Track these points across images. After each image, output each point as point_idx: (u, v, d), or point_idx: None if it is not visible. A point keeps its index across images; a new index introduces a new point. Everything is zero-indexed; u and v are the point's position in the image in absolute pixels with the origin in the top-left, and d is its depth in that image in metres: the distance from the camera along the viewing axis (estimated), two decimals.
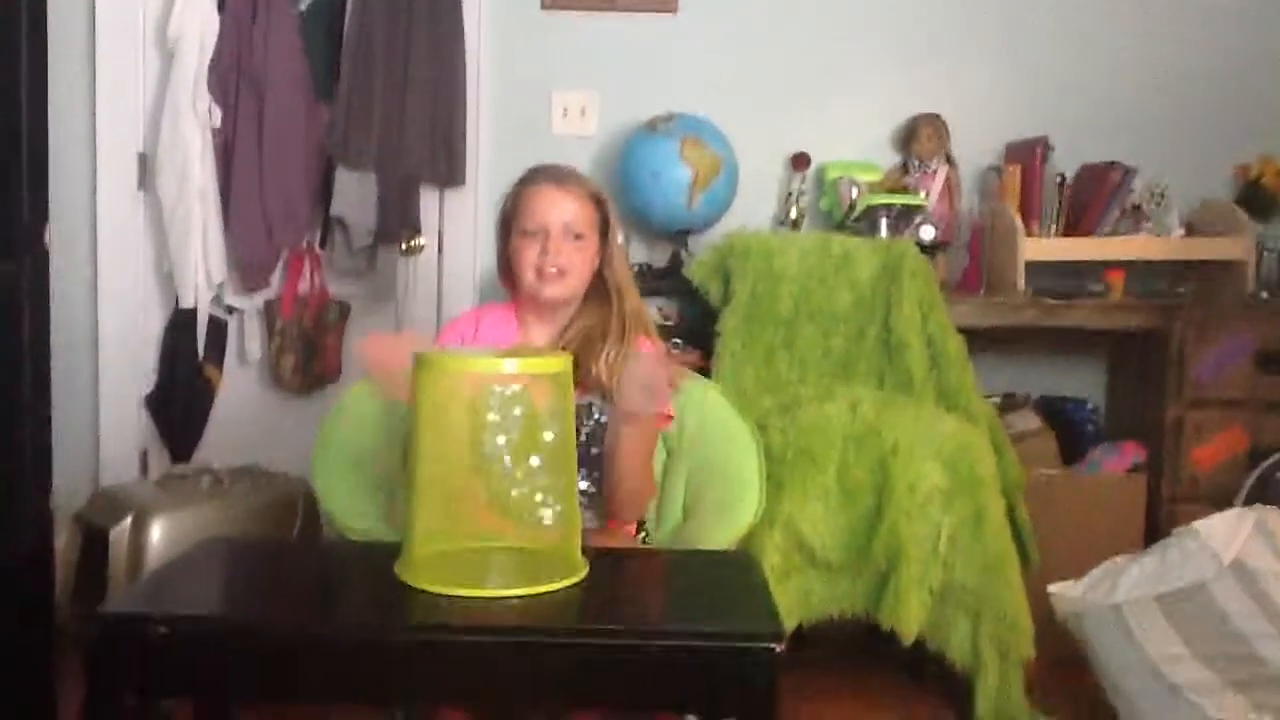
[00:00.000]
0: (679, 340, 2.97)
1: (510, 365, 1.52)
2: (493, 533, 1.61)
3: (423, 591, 1.51)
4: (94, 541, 2.55)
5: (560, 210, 1.95)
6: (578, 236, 1.96)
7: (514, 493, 1.56)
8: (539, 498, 1.56)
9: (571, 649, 1.40)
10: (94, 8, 3.12)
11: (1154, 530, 2.85)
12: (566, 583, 1.52)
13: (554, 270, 1.95)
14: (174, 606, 1.51)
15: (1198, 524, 2.40)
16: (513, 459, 1.54)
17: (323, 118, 3.14)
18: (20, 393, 2.31)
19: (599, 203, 2.00)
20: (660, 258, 3.29)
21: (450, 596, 1.48)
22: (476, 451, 1.55)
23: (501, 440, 1.53)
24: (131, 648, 1.41)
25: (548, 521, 1.57)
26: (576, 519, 1.59)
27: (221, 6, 3.05)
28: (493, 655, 1.40)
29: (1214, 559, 2.32)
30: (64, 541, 2.57)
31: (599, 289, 2.04)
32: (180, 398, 3.24)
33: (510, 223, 2.01)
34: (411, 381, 1.54)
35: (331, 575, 1.76)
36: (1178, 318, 2.95)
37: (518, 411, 1.53)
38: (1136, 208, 3.18)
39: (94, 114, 3.17)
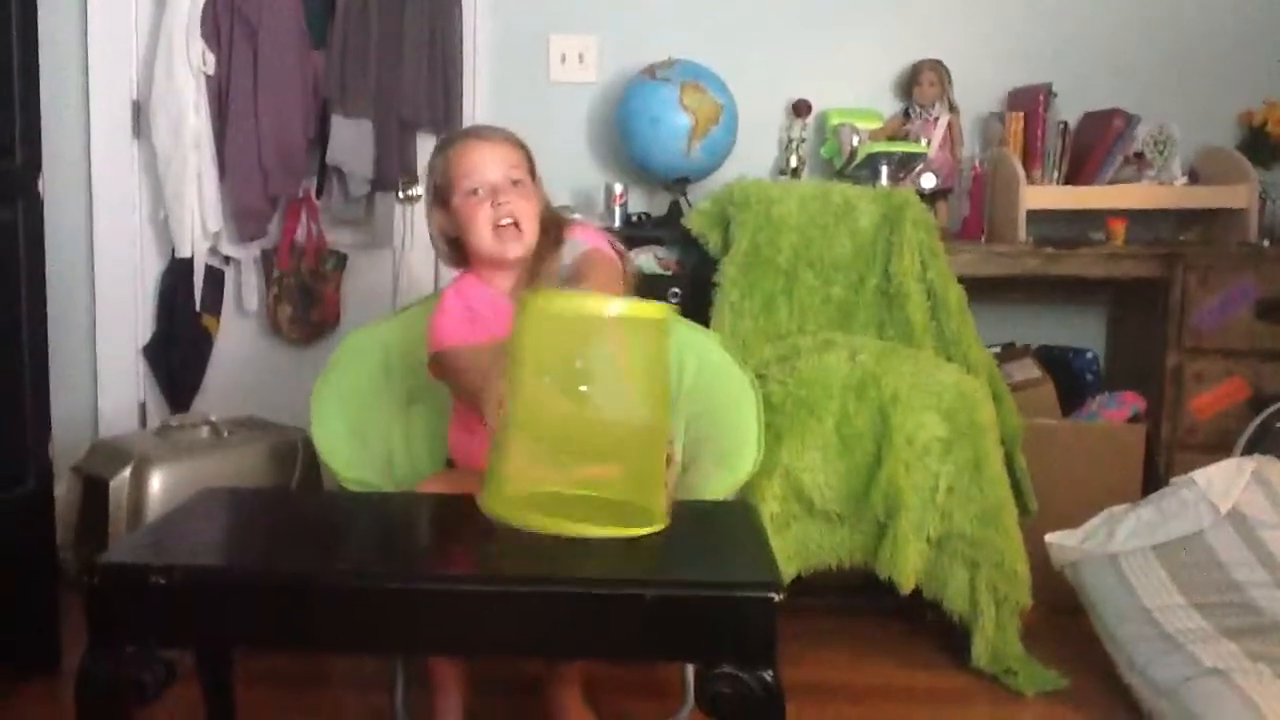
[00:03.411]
0: (678, 290, 2.96)
1: (614, 308, 1.53)
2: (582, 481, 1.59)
3: (422, 544, 1.51)
4: (94, 492, 2.56)
5: (497, 160, 1.97)
6: (517, 183, 1.96)
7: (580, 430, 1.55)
8: (616, 440, 1.56)
9: (568, 598, 1.40)
10: None
11: (1153, 479, 2.85)
12: (643, 530, 1.53)
13: (510, 222, 1.96)
14: (173, 556, 1.52)
15: (1195, 473, 2.41)
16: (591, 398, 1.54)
17: (318, 64, 3.11)
18: (18, 343, 2.30)
19: (523, 148, 2.02)
20: (659, 206, 3.27)
21: (448, 545, 1.48)
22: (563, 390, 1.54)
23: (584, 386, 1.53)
24: (131, 597, 1.43)
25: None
26: (657, 468, 1.59)
27: None
28: (486, 605, 1.40)
29: (1211, 508, 2.33)
30: (63, 492, 2.57)
31: (543, 232, 2.04)
32: (178, 348, 3.23)
33: (446, 192, 2.00)
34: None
35: (330, 524, 1.76)
36: (1179, 266, 2.93)
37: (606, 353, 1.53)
38: (1139, 155, 3.15)
39: (87, 61, 3.13)
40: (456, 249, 2.05)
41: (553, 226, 2.04)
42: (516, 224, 1.96)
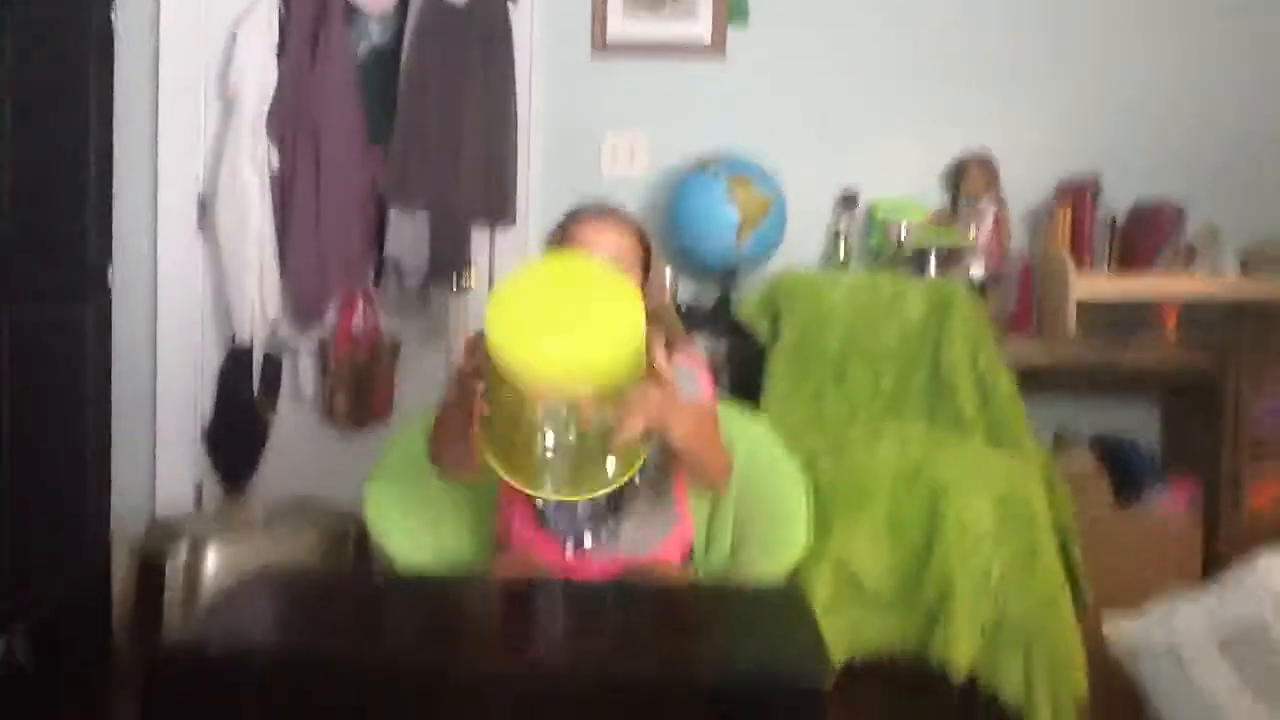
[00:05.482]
0: (726, 381, 2.97)
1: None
2: None
3: (473, 628, 1.51)
4: (150, 572, 2.59)
5: (603, 243, 1.97)
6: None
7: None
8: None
9: (619, 689, 1.40)
10: (158, 58, 3.19)
11: (1211, 570, 2.79)
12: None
13: None
14: (228, 638, 1.53)
15: (1258, 561, 2.36)
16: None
17: (377, 161, 3.20)
18: (83, 428, 2.36)
19: (640, 236, 2.03)
20: (709, 297, 3.30)
21: (500, 634, 1.47)
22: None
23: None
24: (187, 678, 1.44)
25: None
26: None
27: (281, 54, 3.13)
28: (538, 698, 1.39)
29: (1274, 596, 2.28)
30: (121, 572, 2.61)
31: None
32: (236, 432, 3.28)
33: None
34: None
35: (384, 609, 1.77)
36: (1231, 361, 2.91)
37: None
38: (1190, 247, 3.14)
39: (156, 159, 3.22)
40: None
41: (661, 330, 2.05)
42: None
